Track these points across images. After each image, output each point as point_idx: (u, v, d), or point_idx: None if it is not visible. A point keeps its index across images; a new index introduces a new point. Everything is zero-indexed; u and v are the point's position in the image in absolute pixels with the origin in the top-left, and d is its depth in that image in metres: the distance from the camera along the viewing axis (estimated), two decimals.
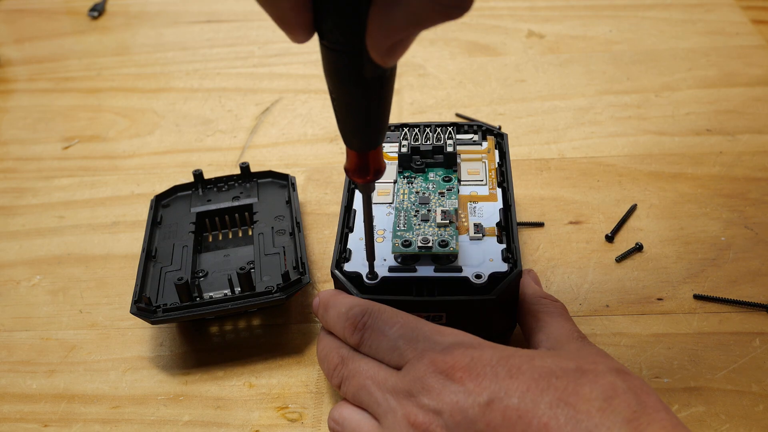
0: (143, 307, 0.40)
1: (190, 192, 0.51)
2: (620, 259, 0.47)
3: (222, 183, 0.51)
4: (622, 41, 0.70)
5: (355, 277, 0.38)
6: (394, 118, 0.62)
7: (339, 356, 0.36)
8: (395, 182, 0.44)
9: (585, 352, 0.34)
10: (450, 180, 0.43)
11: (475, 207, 0.42)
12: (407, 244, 0.39)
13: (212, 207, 0.49)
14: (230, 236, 0.49)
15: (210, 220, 0.49)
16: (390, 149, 0.46)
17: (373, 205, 0.42)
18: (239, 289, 0.42)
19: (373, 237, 0.37)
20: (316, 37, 0.28)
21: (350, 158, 0.33)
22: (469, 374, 0.31)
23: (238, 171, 0.52)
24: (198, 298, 0.42)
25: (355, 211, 0.42)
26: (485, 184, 0.43)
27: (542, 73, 0.66)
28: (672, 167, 0.54)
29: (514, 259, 0.38)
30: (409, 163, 0.44)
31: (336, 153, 0.58)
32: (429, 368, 0.32)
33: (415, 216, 0.41)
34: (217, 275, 0.45)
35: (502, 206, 0.42)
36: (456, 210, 0.41)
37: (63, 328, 0.46)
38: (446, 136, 0.45)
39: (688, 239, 0.48)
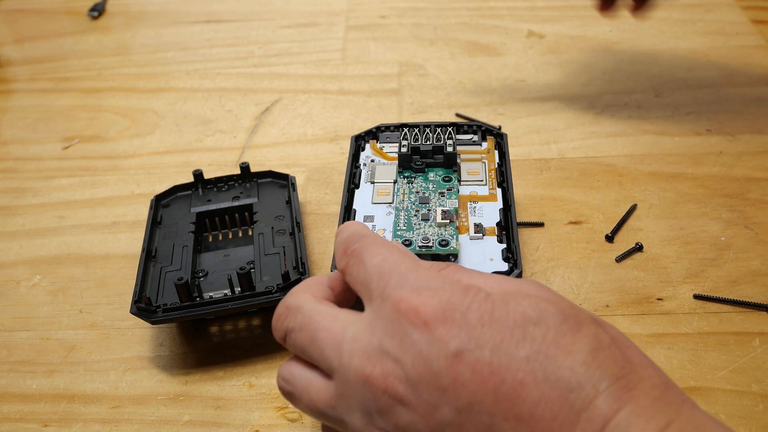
0: (143, 307, 0.40)
1: (190, 192, 0.51)
2: (620, 259, 0.47)
3: (222, 183, 0.51)
4: (622, 41, 0.70)
5: None
6: (394, 118, 0.62)
7: (285, 305, 0.32)
8: (395, 182, 0.44)
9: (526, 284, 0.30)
10: (450, 180, 0.43)
11: (475, 207, 0.42)
12: (407, 243, 0.39)
13: (212, 207, 0.49)
14: (230, 236, 0.49)
15: (210, 220, 0.49)
16: (390, 149, 0.46)
17: (373, 205, 0.42)
18: (239, 289, 0.42)
19: None
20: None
21: None
22: (435, 320, 0.27)
23: (238, 171, 0.52)
24: (198, 298, 0.42)
25: (355, 211, 0.42)
26: (485, 184, 0.43)
27: (542, 73, 0.66)
28: (672, 167, 0.54)
29: (514, 259, 0.38)
30: (409, 163, 0.44)
31: (336, 153, 0.58)
32: (392, 311, 0.28)
33: (416, 215, 0.41)
34: (217, 275, 0.45)
35: (502, 206, 0.42)
36: (456, 210, 0.41)
37: (63, 328, 0.46)
38: (446, 136, 0.45)
39: (688, 239, 0.48)
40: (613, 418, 0.24)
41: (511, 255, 0.39)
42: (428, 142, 0.45)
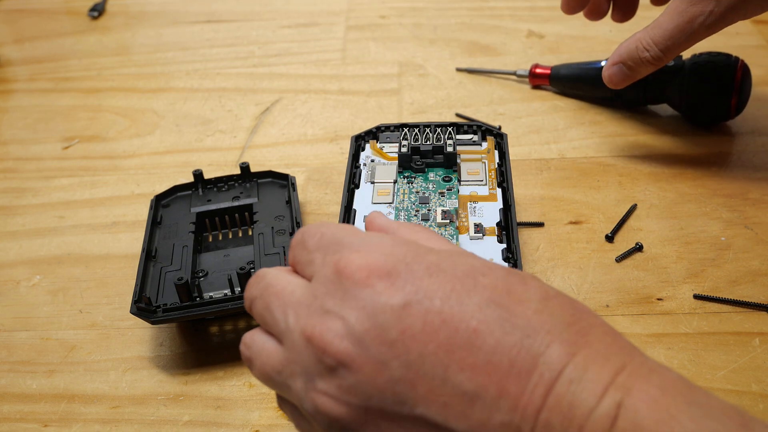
0: (143, 307, 0.40)
1: (190, 192, 0.51)
2: (620, 259, 0.47)
3: (222, 183, 0.51)
4: (621, 41, 0.70)
5: None
6: (394, 118, 0.62)
7: (255, 274, 0.32)
8: (395, 182, 0.44)
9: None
10: (450, 180, 0.43)
11: (475, 207, 0.42)
12: None
13: (212, 207, 0.49)
14: (230, 236, 0.49)
15: (210, 220, 0.49)
16: (390, 149, 0.46)
17: (373, 205, 0.42)
18: (239, 289, 0.42)
19: None
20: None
21: None
22: (378, 274, 0.26)
23: (238, 171, 0.52)
24: (198, 298, 0.42)
25: (355, 211, 0.42)
26: (485, 184, 0.43)
27: None
28: (672, 167, 0.54)
29: (514, 259, 0.38)
30: (409, 163, 0.44)
31: (336, 153, 0.58)
32: (331, 272, 0.27)
33: (416, 215, 0.41)
34: (217, 275, 0.45)
35: (502, 206, 0.42)
36: (456, 210, 0.41)
37: (63, 328, 0.46)
38: (446, 136, 0.45)
39: (688, 239, 0.48)
40: (570, 362, 0.24)
41: (511, 255, 0.39)
42: (428, 142, 0.45)
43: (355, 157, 0.46)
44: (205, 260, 0.47)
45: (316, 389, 0.27)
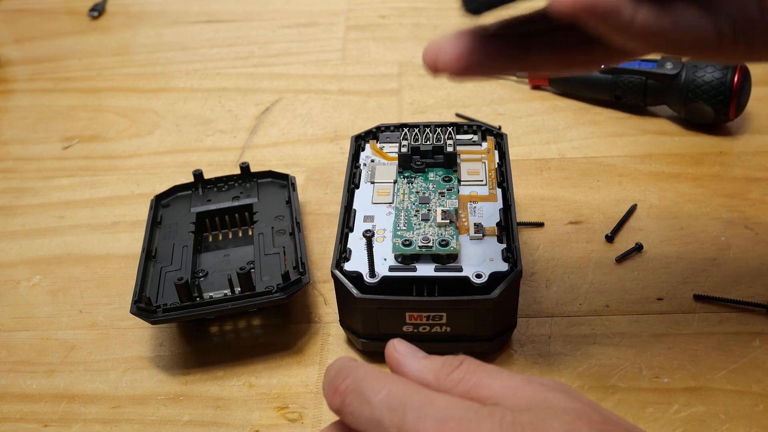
0: (143, 307, 0.40)
1: (190, 192, 0.51)
2: (620, 259, 0.47)
3: (222, 183, 0.51)
4: None
5: (355, 277, 0.38)
6: (393, 118, 0.62)
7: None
8: (395, 182, 0.44)
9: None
10: (450, 180, 0.43)
11: (475, 207, 0.42)
12: (407, 243, 0.39)
13: (212, 207, 0.49)
14: (230, 236, 0.49)
15: (210, 220, 0.49)
16: (390, 149, 0.47)
17: (373, 205, 0.42)
18: (239, 289, 0.42)
19: None
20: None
21: None
22: None
23: (238, 171, 0.52)
24: (198, 298, 0.42)
25: (355, 211, 0.42)
26: (485, 184, 0.43)
27: None
28: (672, 167, 0.54)
29: (514, 259, 0.38)
30: (409, 163, 0.44)
31: (336, 153, 0.58)
32: None
33: (416, 216, 0.41)
34: (217, 275, 0.45)
35: (502, 206, 0.42)
36: (456, 210, 0.41)
37: (63, 328, 0.46)
38: (446, 136, 0.45)
39: (688, 239, 0.48)
40: None
41: (511, 255, 0.39)
42: (428, 142, 0.45)
43: (355, 157, 0.46)
44: (205, 260, 0.47)
45: None
